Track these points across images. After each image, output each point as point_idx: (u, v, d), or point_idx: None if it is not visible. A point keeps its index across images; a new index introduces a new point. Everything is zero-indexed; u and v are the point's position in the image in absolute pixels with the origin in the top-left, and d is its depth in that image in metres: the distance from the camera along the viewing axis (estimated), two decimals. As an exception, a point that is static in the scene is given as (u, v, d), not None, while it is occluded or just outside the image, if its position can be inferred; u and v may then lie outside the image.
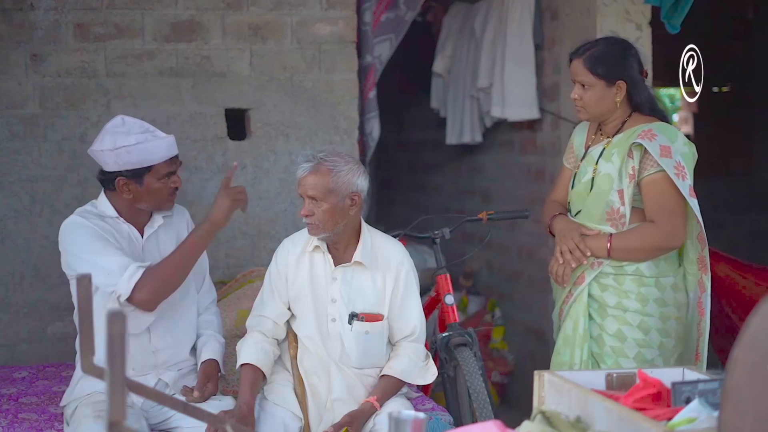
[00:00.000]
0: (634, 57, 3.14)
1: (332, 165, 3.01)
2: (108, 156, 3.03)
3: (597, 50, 3.11)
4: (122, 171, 3.03)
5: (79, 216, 3.08)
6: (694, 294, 3.16)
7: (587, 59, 3.10)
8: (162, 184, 3.08)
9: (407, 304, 3.15)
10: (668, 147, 3.02)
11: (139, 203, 3.10)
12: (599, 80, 3.09)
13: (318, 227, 3.03)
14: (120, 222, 3.12)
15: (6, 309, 4.08)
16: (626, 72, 3.10)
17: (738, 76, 7.80)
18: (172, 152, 3.10)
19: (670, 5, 3.54)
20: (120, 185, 3.05)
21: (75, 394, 3.08)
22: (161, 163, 3.05)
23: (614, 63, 3.10)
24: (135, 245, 3.14)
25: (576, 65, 3.13)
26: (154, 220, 3.19)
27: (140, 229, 3.17)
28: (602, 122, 3.21)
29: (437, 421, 3.21)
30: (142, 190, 3.06)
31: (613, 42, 3.19)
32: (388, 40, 5.11)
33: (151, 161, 3.03)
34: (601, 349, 3.15)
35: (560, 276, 3.15)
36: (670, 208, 3.04)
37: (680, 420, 1.85)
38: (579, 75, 3.12)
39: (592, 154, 3.20)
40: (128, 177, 3.04)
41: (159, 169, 3.05)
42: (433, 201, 6.85)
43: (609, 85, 3.10)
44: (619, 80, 3.09)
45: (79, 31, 4.13)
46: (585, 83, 3.11)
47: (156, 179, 3.06)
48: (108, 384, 1.40)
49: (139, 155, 3.01)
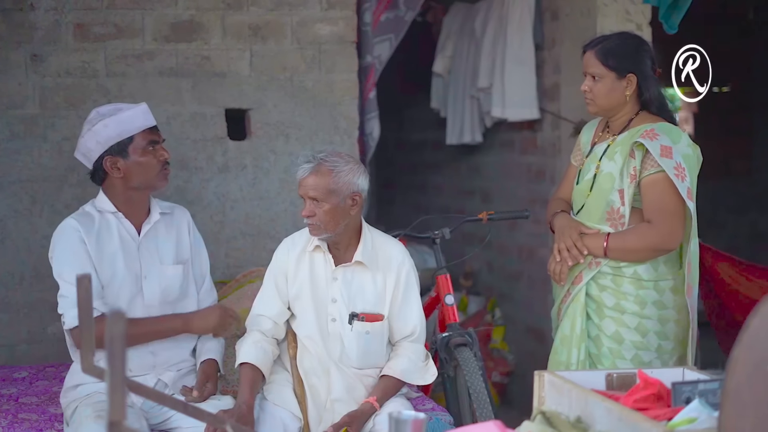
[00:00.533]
0: (647, 53, 3.13)
1: (333, 165, 3.00)
2: (89, 139, 3.07)
3: (610, 43, 3.11)
4: (106, 150, 3.06)
5: (72, 220, 3.10)
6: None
7: (599, 51, 3.10)
8: (149, 155, 3.09)
9: (407, 304, 3.14)
10: (669, 147, 3.01)
11: (131, 181, 3.09)
12: (610, 72, 3.09)
13: (320, 228, 3.03)
14: (118, 217, 3.12)
15: (6, 309, 4.08)
16: (637, 66, 3.10)
17: (738, 76, 7.80)
18: (150, 121, 3.13)
19: (668, 5, 3.53)
20: (108, 165, 3.07)
21: (75, 394, 3.08)
22: (141, 133, 3.08)
23: (626, 56, 3.09)
24: (130, 244, 3.13)
25: (588, 57, 3.13)
26: (151, 215, 3.19)
27: (138, 225, 3.17)
28: (610, 119, 3.20)
29: (437, 421, 3.21)
30: (130, 164, 3.07)
31: (627, 36, 3.19)
32: (388, 40, 5.11)
33: (130, 131, 3.07)
34: (598, 350, 3.15)
35: (557, 274, 3.15)
36: (668, 209, 3.03)
37: (680, 420, 1.85)
38: (590, 66, 3.12)
39: (596, 152, 3.20)
40: (113, 154, 3.06)
41: (139, 139, 3.08)
42: (433, 201, 6.85)
43: (619, 77, 3.09)
44: (629, 73, 3.09)
45: (79, 31, 4.13)
46: (596, 75, 3.10)
47: (140, 149, 3.07)
48: (108, 384, 1.40)
49: (117, 127, 3.05)
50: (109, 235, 3.11)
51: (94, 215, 3.12)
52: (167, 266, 3.17)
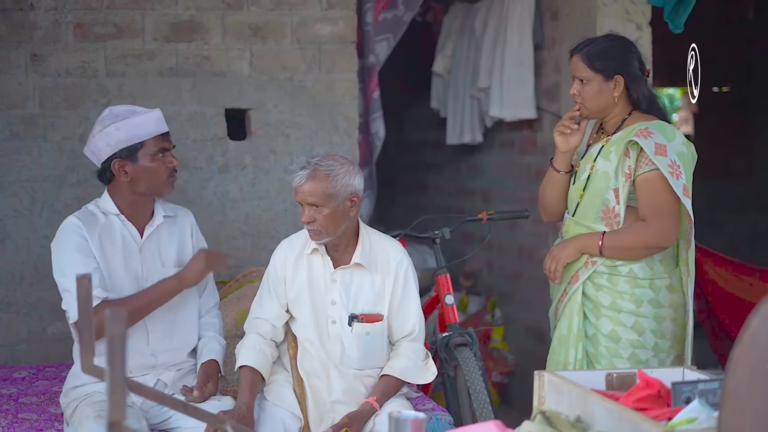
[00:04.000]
0: (633, 54, 3.14)
1: (329, 169, 2.98)
2: (100, 139, 3.04)
3: (596, 45, 3.12)
4: (115, 153, 3.04)
5: (75, 218, 3.09)
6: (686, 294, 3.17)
7: (586, 54, 3.11)
8: (158, 162, 3.07)
9: (406, 304, 3.14)
10: (664, 145, 3.02)
11: (138, 186, 3.08)
12: (597, 74, 3.09)
13: (321, 233, 3.01)
14: (120, 219, 3.12)
15: (6, 309, 4.09)
16: (625, 67, 3.10)
17: (738, 76, 7.80)
18: (162, 128, 3.10)
19: (672, 5, 3.54)
20: (116, 168, 3.05)
21: (75, 394, 3.08)
22: (152, 139, 3.06)
23: (612, 57, 3.10)
24: (132, 246, 3.13)
25: (575, 61, 3.14)
26: (155, 218, 3.18)
27: (141, 228, 3.16)
28: (603, 120, 3.21)
29: (437, 421, 3.21)
30: (138, 168, 3.05)
31: (612, 38, 3.20)
32: (386, 40, 5.12)
33: (141, 137, 3.04)
34: (595, 349, 3.15)
35: (552, 272, 3.18)
36: (662, 207, 3.04)
37: (680, 420, 1.85)
38: (578, 70, 3.13)
39: (591, 152, 3.20)
40: (122, 157, 3.04)
41: (150, 144, 3.05)
42: (433, 201, 6.84)
43: (607, 79, 3.10)
44: (617, 75, 3.09)
45: (79, 31, 4.13)
46: (583, 78, 3.11)
47: (150, 156, 3.05)
48: (108, 384, 1.40)
49: (128, 131, 3.02)
50: (111, 237, 3.10)
51: (98, 215, 3.12)
52: (169, 269, 3.15)
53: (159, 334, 3.13)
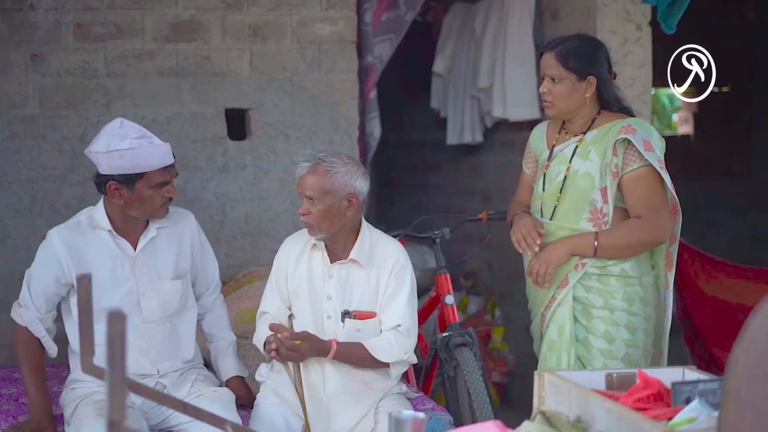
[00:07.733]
0: (604, 55, 3.13)
1: (330, 166, 3.01)
2: (101, 158, 2.96)
3: (569, 44, 3.09)
4: (114, 175, 2.96)
5: (57, 234, 3.06)
6: (663, 291, 3.16)
7: (559, 53, 3.07)
8: (154, 192, 2.99)
9: (396, 298, 3.10)
10: (649, 141, 3.02)
11: (130, 210, 3.02)
12: (570, 74, 3.06)
13: (313, 227, 3.05)
14: (113, 236, 3.07)
15: (6, 309, 4.07)
16: (597, 68, 3.08)
17: (738, 76, 7.80)
18: (167, 161, 3.00)
19: (666, 5, 3.53)
20: (111, 189, 2.98)
21: (75, 393, 3.08)
22: (154, 171, 2.96)
23: (586, 58, 3.08)
24: (123, 261, 3.08)
25: (547, 59, 3.09)
26: (148, 230, 3.11)
27: (135, 241, 3.10)
28: (568, 120, 3.17)
29: (437, 421, 3.21)
30: (133, 196, 2.98)
31: (585, 38, 3.18)
32: (389, 39, 5.12)
33: (143, 168, 2.95)
34: (588, 352, 3.11)
35: (541, 276, 3.07)
36: (657, 203, 3.03)
37: (680, 420, 1.85)
38: (550, 69, 3.08)
39: (565, 153, 3.15)
40: (120, 182, 2.96)
41: (151, 177, 2.97)
42: (433, 201, 6.84)
43: (580, 79, 3.07)
44: (590, 75, 3.07)
45: (79, 31, 4.13)
46: (555, 77, 3.07)
47: (148, 187, 2.97)
48: (108, 384, 1.40)
49: (132, 160, 2.93)
50: (99, 252, 3.05)
51: (86, 229, 3.07)
52: (165, 281, 3.13)
53: (157, 340, 3.14)
